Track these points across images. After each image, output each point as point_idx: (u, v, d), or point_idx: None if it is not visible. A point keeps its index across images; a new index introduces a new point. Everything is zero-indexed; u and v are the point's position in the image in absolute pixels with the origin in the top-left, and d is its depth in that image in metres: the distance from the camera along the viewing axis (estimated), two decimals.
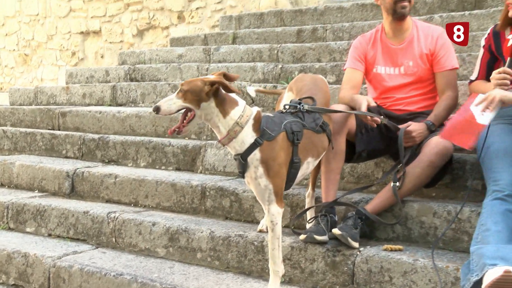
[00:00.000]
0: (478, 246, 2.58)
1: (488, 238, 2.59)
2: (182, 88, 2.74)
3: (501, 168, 2.78)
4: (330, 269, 2.98)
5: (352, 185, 3.64)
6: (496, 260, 2.45)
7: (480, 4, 5.39)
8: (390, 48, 3.45)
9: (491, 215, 2.67)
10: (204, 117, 2.79)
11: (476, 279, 2.47)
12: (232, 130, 2.76)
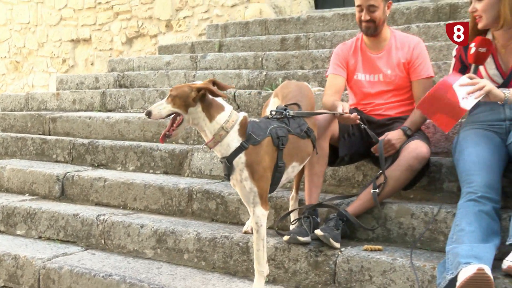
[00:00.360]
0: (453, 246, 2.61)
1: (462, 238, 2.62)
2: (171, 94, 2.76)
3: (474, 171, 2.81)
4: (313, 268, 2.99)
5: (333, 188, 3.65)
6: (470, 259, 2.48)
7: (454, 15, 5.44)
8: (369, 57, 3.47)
9: (465, 216, 2.70)
10: (191, 122, 2.81)
11: (451, 277, 2.50)
12: (218, 134, 2.77)
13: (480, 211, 2.69)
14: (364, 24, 3.36)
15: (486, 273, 2.41)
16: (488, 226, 2.67)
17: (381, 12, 3.34)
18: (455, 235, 2.66)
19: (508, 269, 2.53)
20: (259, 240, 2.84)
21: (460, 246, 2.57)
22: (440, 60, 4.49)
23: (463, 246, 2.56)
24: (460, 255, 2.52)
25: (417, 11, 5.64)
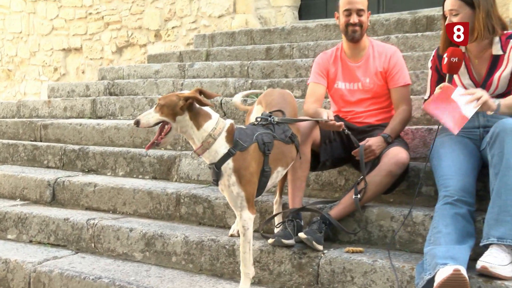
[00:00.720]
0: (431, 247, 2.63)
1: (439, 240, 2.63)
2: (159, 103, 2.76)
3: (451, 175, 2.83)
4: (297, 270, 2.99)
5: (317, 192, 3.66)
6: (447, 260, 2.50)
7: (431, 27, 5.49)
8: (348, 66, 3.49)
9: (442, 218, 2.72)
10: (179, 130, 2.80)
11: (429, 277, 2.51)
12: (206, 141, 2.77)
13: (456, 213, 2.72)
14: (351, 28, 3.37)
15: (462, 273, 2.43)
16: (463, 228, 2.70)
17: (366, 17, 3.39)
18: (433, 237, 2.68)
19: (482, 269, 2.55)
20: (245, 243, 2.84)
21: (437, 248, 2.59)
22: (418, 69, 4.53)
23: (440, 248, 2.58)
24: (438, 256, 2.54)
25: (396, 22, 5.68)
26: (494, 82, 3.04)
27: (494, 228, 2.62)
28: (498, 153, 2.69)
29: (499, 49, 3.04)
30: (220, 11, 7.54)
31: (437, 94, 2.87)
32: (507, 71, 3.03)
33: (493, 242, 2.61)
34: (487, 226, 2.66)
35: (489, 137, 2.77)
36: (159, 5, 8.10)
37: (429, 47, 5.00)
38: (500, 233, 2.60)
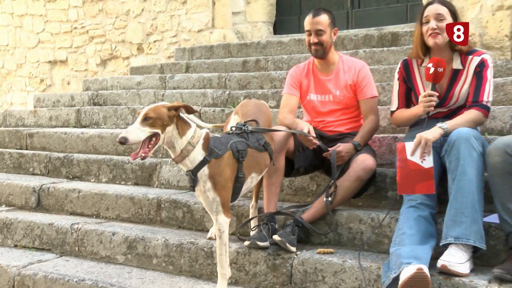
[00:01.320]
0: (396, 248, 2.65)
1: (404, 241, 2.66)
2: (149, 116, 2.61)
3: None
4: (271, 271, 2.98)
5: (290, 197, 3.67)
6: (411, 259, 2.52)
7: (396, 42, 5.55)
8: (320, 79, 3.51)
9: (406, 220, 2.74)
10: (166, 139, 2.71)
11: (394, 276, 2.54)
12: (185, 149, 2.74)
13: (419, 216, 2.75)
14: (313, 47, 3.41)
15: (424, 272, 2.45)
16: (426, 229, 2.72)
17: (328, 36, 3.39)
18: (398, 238, 2.70)
19: (442, 267, 2.58)
20: (222, 245, 2.83)
21: (402, 248, 2.61)
22: (384, 82, 4.57)
23: (405, 248, 2.60)
24: (402, 256, 2.56)
25: (364, 38, 5.73)
26: (455, 96, 3.09)
27: (452, 228, 2.66)
28: (455, 159, 2.73)
29: (459, 64, 3.09)
30: (199, 26, 7.54)
31: (397, 167, 2.84)
32: (466, 85, 3.07)
33: (451, 242, 2.64)
34: (446, 227, 2.69)
35: (447, 145, 2.80)
36: (141, 20, 8.07)
37: (394, 61, 5.05)
38: (457, 233, 2.64)
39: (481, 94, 3.01)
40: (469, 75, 3.07)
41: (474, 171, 2.69)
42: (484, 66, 3.03)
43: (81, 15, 8.65)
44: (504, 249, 2.73)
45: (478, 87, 3.02)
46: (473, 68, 3.05)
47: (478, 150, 2.72)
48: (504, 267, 2.53)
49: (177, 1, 7.72)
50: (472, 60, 3.06)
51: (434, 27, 3.01)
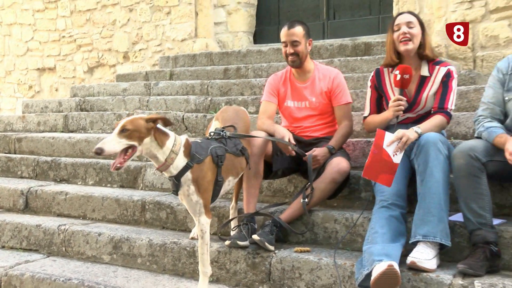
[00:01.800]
0: (369, 246, 2.67)
1: (376, 239, 2.68)
2: (127, 128, 2.56)
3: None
4: (251, 269, 2.98)
5: (269, 198, 3.67)
6: (382, 256, 2.54)
7: (368, 52, 5.60)
8: (297, 86, 3.52)
9: (378, 220, 2.76)
10: (144, 151, 2.66)
11: (367, 272, 2.56)
12: (169, 157, 2.72)
13: (390, 216, 2.77)
14: (289, 57, 3.42)
15: (395, 268, 2.48)
16: (396, 228, 2.75)
17: (303, 47, 3.41)
18: (370, 237, 2.73)
19: (411, 264, 2.61)
20: (203, 245, 2.83)
21: (374, 246, 2.63)
22: (358, 89, 4.60)
23: (377, 246, 2.63)
24: (374, 254, 2.58)
25: (339, 47, 5.76)
26: (422, 101, 3.14)
27: (420, 227, 2.69)
28: (423, 162, 2.76)
29: (427, 71, 3.16)
30: (183, 35, 7.52)
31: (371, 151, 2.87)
32: (432, 91, 3.14)
33: (419, 239, 2.67)
34: (414, 226, 2.72)
35: (416, 149, 2.84)
36: (127, 29, 8.03)
37: (367, 69, 5.10)
38: (425, 232, 2.67)
39: (446, 102, 3.09)
40: (436, 83, 3.13)
41: (441, 173, 2.73)
42: (450, 77, 3.12)
43: (69, 25, 8.58)
44: (468, 245, 2.77)
45: (444, 95, 3.10)
46: (440, 77, 3.13)
47: (445, 153, 2.77)
48: (467, 262, 2.57)
49: (161, 12, 7.70)
50: (439, 70, 3.14)
51: (405, 32, 3.08)
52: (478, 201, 2.66)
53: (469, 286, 2.47)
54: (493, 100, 2.93)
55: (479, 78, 4.76)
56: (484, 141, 2.79)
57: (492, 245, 2.62)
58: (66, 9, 8.57)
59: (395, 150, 2.81)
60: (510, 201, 3.04)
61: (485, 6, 5.47)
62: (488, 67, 5.40)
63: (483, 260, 2.58)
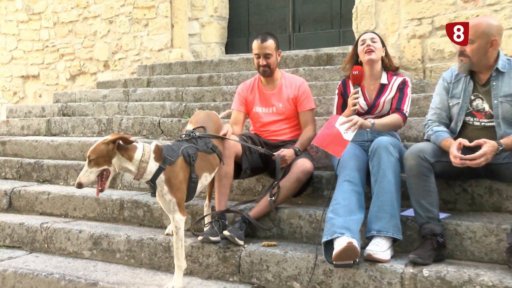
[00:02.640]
0: (331, 216, 2.70)
1: (338, 210, 2.71)
2: (92, 159, 2.59)
3: (348, 163, 2.91)
4: (222, 262, 2.97)
5: (239, 196, 3.66)
6: (343, 230, 2.59)
7: (330, 62, 5.65)
8: (265, 93, 3.53)
9: (341, 193, 2.79)
10: (117, 169, 2.68)
11: (326, 240, 2.61)
12: (141, 167, 2.69)
13: (352, 189, 2.80)
14: (262, 68, 3.43)
15: (354, 245, 2.52)
16: (357, 201, 2.78)
17: (274, 58, 3.43)
18: (333, 207, 2.75)
19: (368, 256, 2.64)
20: (178, 240, 2.80)
21: (337, 218, 2.66)
22: (321, 96, 4.63)
23: (339, 219, 2.65)
24: (336, 226, 2.62)
25: (303, 58, 5.80)
26: (380, 104, 3.23)
27: (374, 223, 2.73)
28: (376, 164, 2.81)
29: (385, 79, 3.27)
30: (159, 45, 7.46)
31: (323, 128, 2.95)
32: (390, 96, 3.23)
33: (374, 234, 2.71)
34: (369, 222, 2.76)
35: (370, 151, 2.88)
36: (107, 40, 7.92)
37: (329, 78, 5.14)
38: (379, 227, 2.71)
39: (402, 104, 3.21)
40: (393, 90, 3.24)
41: (393, 173, 2.77)
42: (405, 85, 3.24)
43: (52, 35, 8.41)
44: (418, 237, 2.81)
45: (400, 99, 3.22)
46: (396, 85, 3.24)
47: (396, 156, 2.81)
48: (417, 252, 2.62)
49: (139, 24, 7.62)
50: (396, 79, 3.27)
51: (369, 44, 3.21)
52: (427, 198, 2.71)
53: (419, 273, 2.52)
54: (440, 106, 2.99)
55: (428, 86, 4.86)
56: (432, 144, 2.84)
57: (438, 237, 2.67)
58: (49, 21, 8.41)
59: (347, 128, 2.88)
60: (455, 197, 3.10)
61: (432, 24, 5.59)
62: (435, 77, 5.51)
63: (431, 250, 2.63)
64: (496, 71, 2.82)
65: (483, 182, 3.02)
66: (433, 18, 5.58)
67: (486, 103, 2.85)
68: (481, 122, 2.86)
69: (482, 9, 5.35)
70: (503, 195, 3.00)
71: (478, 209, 3.04)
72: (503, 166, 2.70)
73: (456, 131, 2.91)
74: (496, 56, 2.82)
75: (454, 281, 2.45)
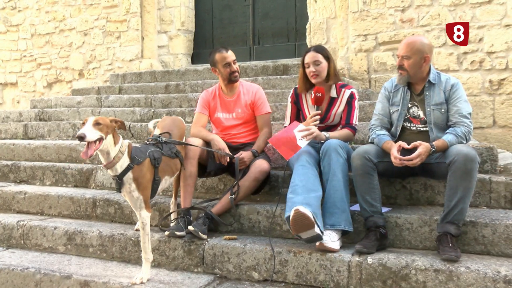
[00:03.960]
0: (291, 196, 2.70)
1: (297, 190, 2.70)
2: (99, 122, 2.51)
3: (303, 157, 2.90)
4: (187, 254, 2.92)
5: (203, 194, 3.62)
6: (303, 205, 2.57)
7: (286, 72, 5.68)
8: (225, 100, 3.50)
9: (298, 175, 2.79)
10: (104, 145, 2.58)
11: (288, 215, 2.60)
12: (117, 156, 2.63)
13: (307, 172, 2.80)
14: (234, 74, 3.41)
15: (301, 211, 2.54)
16: (314, 182, 2.77)
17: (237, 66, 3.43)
18: (291, 188, 2.75)
19: (320, 245, 2.66)
20: (145, 235, 2.74)
21: (296, 197, 2.66)
22: (277, 102, 4.65)
23: (299, 197, 2.65)
24: (296, 203, 2.61)
25: (262, 68, 5.81)
26: (331, 117, 3.22)
27: (328, 218, 2.74)
28: (327, 164, 2.82)
29: (335, 93, 3.23)
30: (131, 56, 7.33)
31: (282, 130, 2.96)
32: (339, 110, 3.22)
33: (328, 228, 2.72)
34: (323, 217, 2.76)
35: (321, 153, 2.90)
36: (82, 51, 7.73)
37: (285, 86, 5.16)
38: (332, 221, 2.73)
39: (351, 118, 3.19)
40: (342, 102, 3.22)
41: (342, 173, 2.79)
42: (353, 98, 3.22)
43: (29, 46, 8.14)
44: (363, 229, 2.85)
45: (349, 113, 3.20)
46: (345, 98, 3.21)
47: (344, 156, 2.84)
48: (363, 243, 2.65)
49: (112, 36, 7.47)
50: (344, 92, 3.23)
51: (313, 71, 3.15)
52: (371, 194, 2.74)
53: (364, 262, 2.55)
54: (382, 112, 3.03)
55: (372, 95, 4.95)
56: (376, 146, 2.88)
57: (381, 228, 2.71)
58: (27, 32, 8.13)
59: (303, 136, 2.88)
60: (395, 193, 3.16)
61: (376, 40, 5.71)
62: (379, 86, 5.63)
63: (375, 241, 2.66)
64: (429, 82, 2.90)
65: (419, 179, 3.09)
66: (376, 35, 5.70)
67: (421, 110, 2.91)
68: (417, 127, 2.93)
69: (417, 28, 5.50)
70: (436, 190, 3.08)
71: (415, 203, 3.11)
72: (435, 165, 2.76)
73: (396, 134, 2.96)
74: (428, 70, 2.90)
75: (393, 266, 2.49)
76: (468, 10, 5.12)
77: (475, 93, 5.26)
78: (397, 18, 5.60)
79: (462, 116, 2.79)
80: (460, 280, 2.36)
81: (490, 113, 5.22)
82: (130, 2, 7.27)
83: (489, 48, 5.12)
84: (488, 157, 3.21)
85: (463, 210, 2.54)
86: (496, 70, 5.15)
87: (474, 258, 2.54)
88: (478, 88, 5.25)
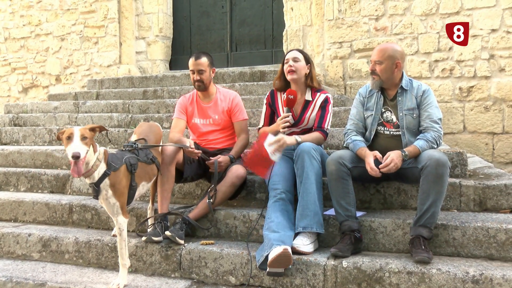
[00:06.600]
0: (267, 233, 2.69)
1: (273, 227, 2.70)
2: (85, 136, 2.47)
3: (278, 182, 2.91)
4: (164, 260, 2.89)
5: (180, 200, 3.59)
6: (279, 242, 2.57)
7: (263, 78, 5.69)
8: (202, 106, 3.48)
9: (274, 211, 2.79)
10: (88, 156, 2.54)
11: (267, 254, 2.58)
12: (95, 164, 2.59)
13: (283, 208, 2.81)
14: (196, 83, 3.39)
15: (288, 251, 2.52)
16: (289, 218, 2.79)
17: (207, 74, 3.39)
18: (267, 225, 2.74)
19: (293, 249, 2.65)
20: (121, 241, 2.71)
21: (272, 234, 2.65)
22: (254, 108, 4.65)
23: (275, 234, 2.65)
24: (273, 239, 2.60)
25: (239, 74, 5.81)
26: (306, 119, 3.23)
27: (300, 220, 2.75)
28: (301, 167, 2.83)
29: (310, 96, 3.25)
30: (108, 61, 7.24)
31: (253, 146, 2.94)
32: (313, 113, 3.23)
33: (300, 230, 2.73)
34: (296, 219, 2.78)
35: (295, 156, 2.91)
36: (59, 56, 7.59)
37: (262, 92, 5.17)
38: (304, 224, 2.74)
39: (323, 122, 3.19)
40: (316, 106, 3.23)
41: (315, 175, 2.81)
42: (327, 102, 3.23)
43: (3, 50, 7.95)
44: (338, 233, 2.87)
45: (322, 117, 3.20)
46: (320, 102, 3.22)
47: (318, 159, 2.85)
48: (338, 247, 2.66)
49: (90, 42, 7.37)
50: (319, 96, 3.24)
51: (291, 65, 3.17)
52: (346, 198, 2.76)
53: (339, 265, 2.56)
54: (357, 117, 3.07)
55: (348, 101, 5.00)
56: (350, 151, 2.91)
57: (356, 232, 2.73)
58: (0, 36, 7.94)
59: (274, 150, 2.86)
60: (370, 197, 3.19)
61: (351, 47, 5.78)
62: (354, 93, 5.69)
63: (349, 244, 2.68)
64: (401, 88, 2.95)
65: (393, 184, 3.14)
66: (351, 42, 5.77)
67: (394, 115, 2.96)
68: (390, 131, 2.97)
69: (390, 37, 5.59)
70: (408, 194, 3.12)
71: (389, 207, 3.15)
72: (408, 170, 2.80)
73: (370, 139, 3.00)
74: (400, 76, 2.95)
75: (368, 270, 2.51)
76: (438, 20, 5.23)
77: (446, 99, 5.37)
78: (371, 26, 5.69)
79: (433, 121, 2.85)
80: (432, 282, 2.40)
81: (460, 119, 5.35)
82: (108, 8, 7.19)
83: (458, 56, 5.24)
84: (459, 161, 3.28)
85: (435, 213, 2.58)
86: (466, 78, 5.28)
87: (445, 260, 2.58)
88: (449, 95, 5.37)
